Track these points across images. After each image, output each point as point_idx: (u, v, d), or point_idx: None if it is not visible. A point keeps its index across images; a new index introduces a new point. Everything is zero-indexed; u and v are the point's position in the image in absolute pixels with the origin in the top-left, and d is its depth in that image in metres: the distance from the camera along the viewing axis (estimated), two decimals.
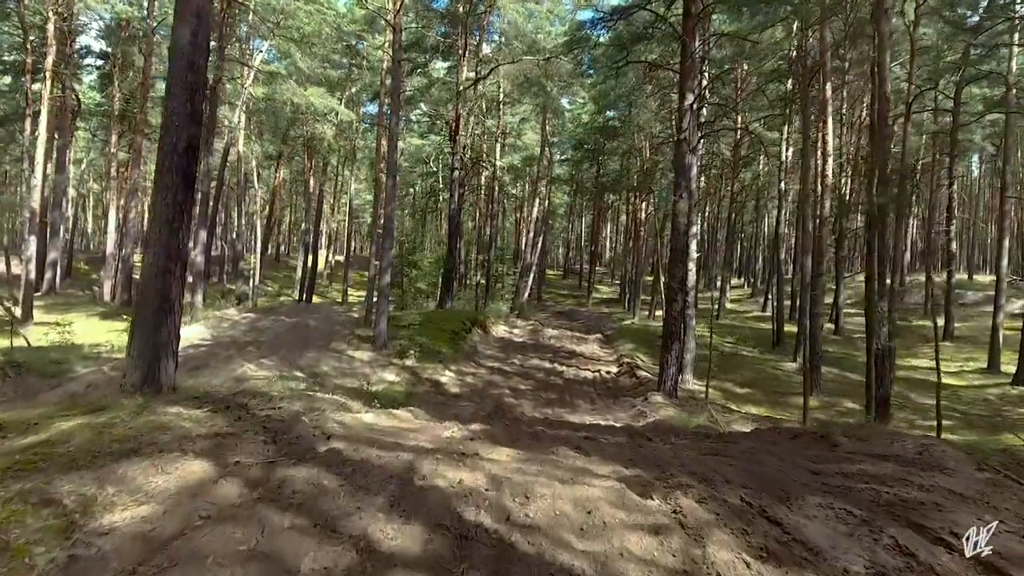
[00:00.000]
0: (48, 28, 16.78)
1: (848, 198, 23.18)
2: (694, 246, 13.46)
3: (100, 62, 31.52)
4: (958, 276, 27.48)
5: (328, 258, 44.23)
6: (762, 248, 41.92)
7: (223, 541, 2.01)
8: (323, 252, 45.23)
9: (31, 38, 19.69)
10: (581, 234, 53.26)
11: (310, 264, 29.50)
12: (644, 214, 29.54)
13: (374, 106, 28.77)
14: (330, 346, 13.54)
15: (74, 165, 42.89)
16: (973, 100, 25.36)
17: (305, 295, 28.91)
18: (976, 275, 35.41)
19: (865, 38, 17.20)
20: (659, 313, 28.13)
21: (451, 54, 22.45)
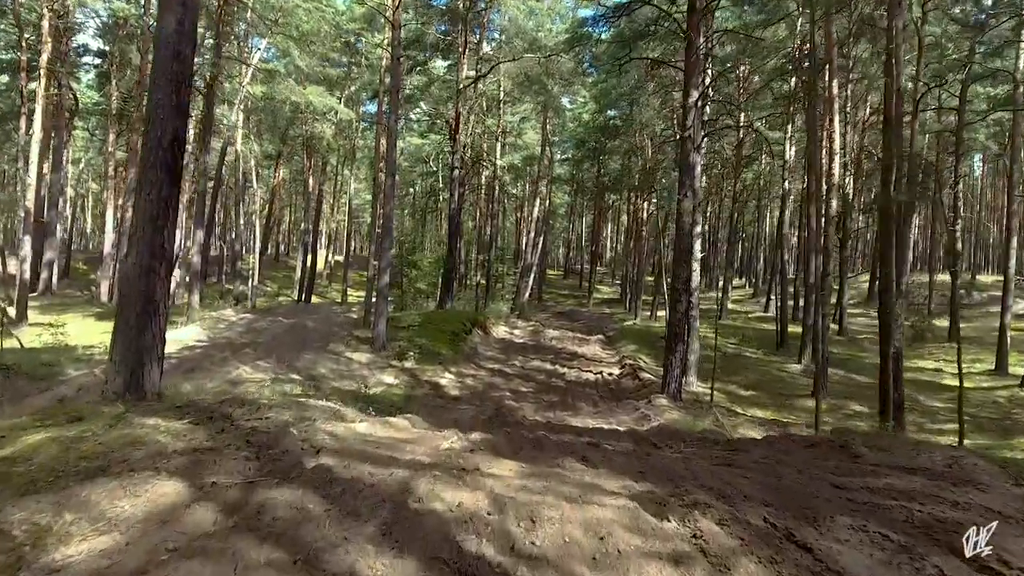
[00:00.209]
0: (43, 25, 16.57)
1: (852, 197, 22.96)
2: (698, 246, 13.23)
3: (98, 61, 31.30)
4: (961, 276, 27.24)
5: (328, 258, 44.02)
6: (763, 248, 41.71)
7: None
8: (323, 252, 44.99)
9: (27, 35, 19.49)
10: (582, 234, 53.02)
11: (309, 264, 29.29)
12: (646, 214, 29.29)
13: (374, 105, 28.53)
14: (328, 347, 13.32)
15: (72, 165, 42.67)
16: (978, 99, 25.10)
17: (304, 295, 28.70)
18: (979, 275, 35.17)
19: (876, 31, 16.92)
20: (660, 313, 27.91)
21: (451, 52, 22.23)
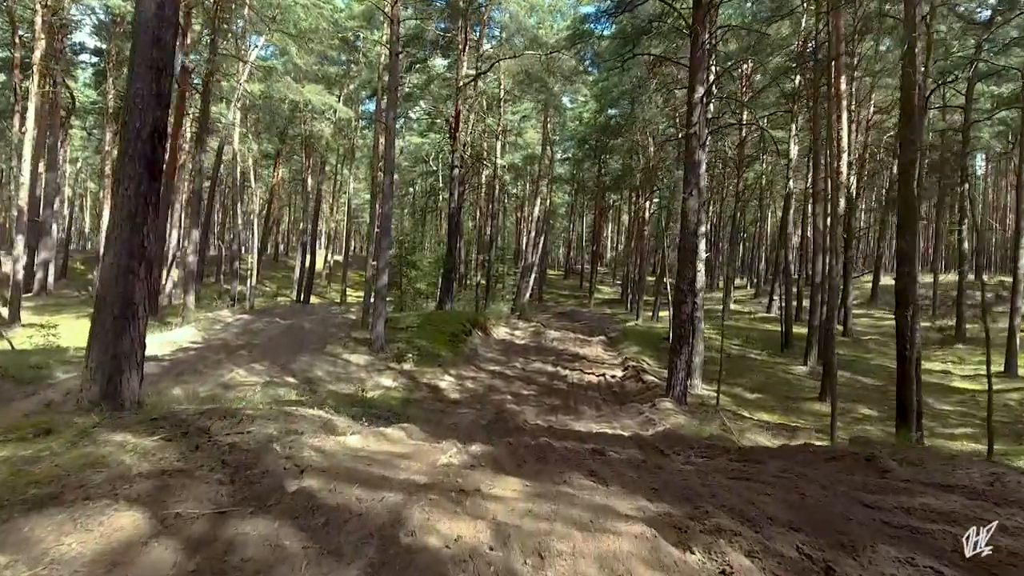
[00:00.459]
0: (36, 22, 16.30)
1: (857, 196, 22.69)
2: (703, 245, 12.97)
3: (95, 59, 31.04)
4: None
5: (327, 258, 43.77)
6: (765, 248, 41.44)
7: None
8: (322, 252, 44.73)
9: (21, 32, 19.21)
10: (582, 234, 52.74)
11: (308, 264, 29.03)
12: (647, 213, 29.01)
13: (373, 104, 28.28)
14: (325, 349, 13.05)
15: (70, 164, 42.41)
16: (983, 97, 24.81)
17: (303, 296, 28.44)
18: (982, 275, 34.87)
19: (883, 28, 16.63)
20: (663, 314, 27.63)
21: (451, 49, 21.96)
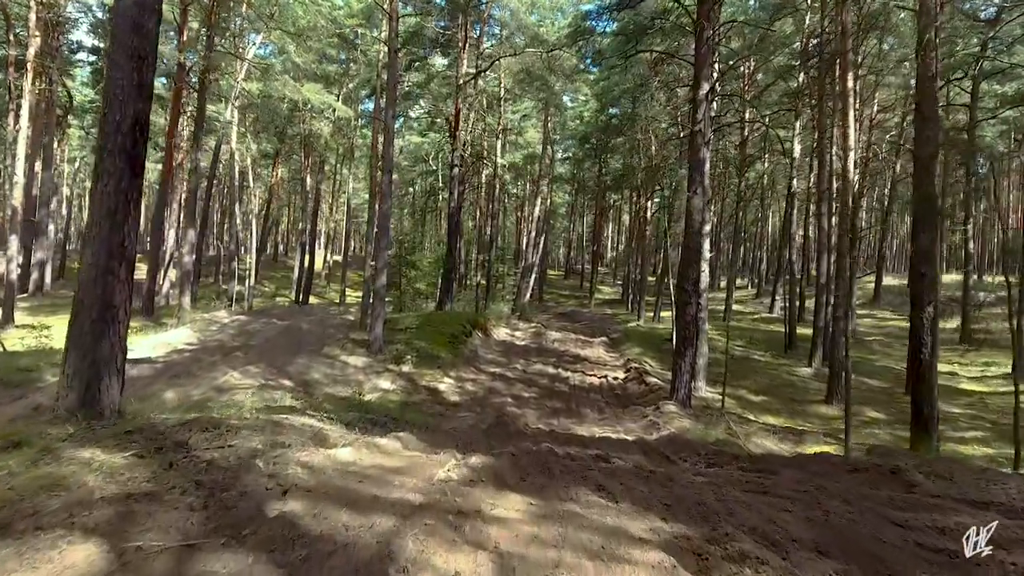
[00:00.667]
0: (30, 18, 16.08)
1: (860, 196, 22.42)
2: (707, 245, 12.74)
3: (93, 58, 30.80)
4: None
5: (326, 258, 43.55)
6: (766, 248, 41.21)
7: None
8: (321, 252, 44.52)
9: (16, 30, 18.99)
10: (583, 234, 52.50)
11: (307, 264, 28.83)
12: (649, 213, 28.78)
13: (372, 103, 28.05)
14: (322, 351, 12.83)
15: (68, 164, 42.20)
16: (986, 96, 24.57)
17: (301, 296, 28.23)
18: (985, 276, 34.64)
19: (890, 24, 16.39)
20: (664, 315, 27.40)
21: (451, 47, 21.73)
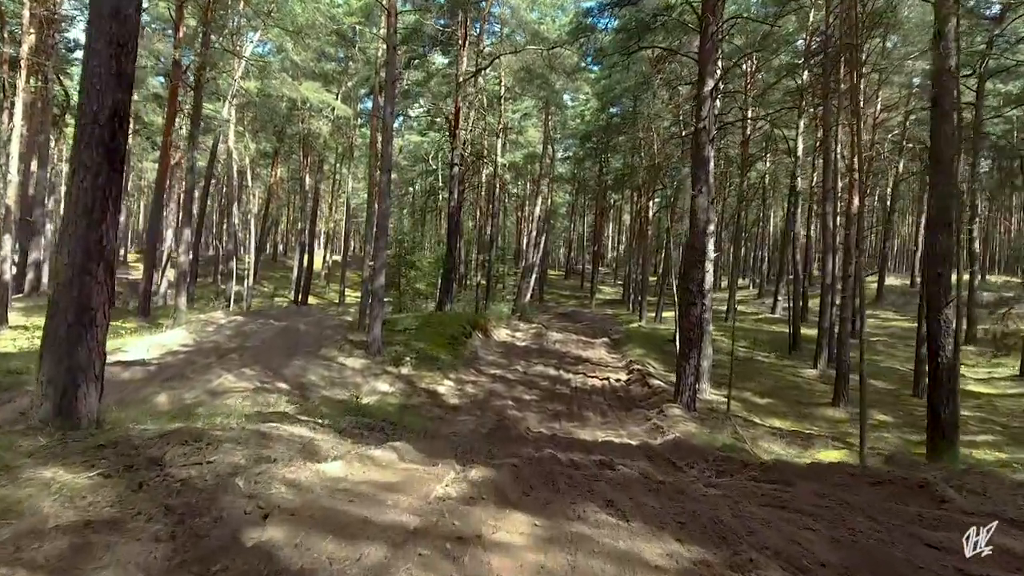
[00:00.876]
0: (23, 15, 15.84)
1: (865, 195, 22.24)
2: (711, 245, 12.52)
3: None
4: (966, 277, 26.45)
5: (326, 258, 43.30)
6: (767, 248, 40.97)
7: None
8: (321, 252, 44.26)
9: (10, 27, 18.75)
10: (583, 234, 52.27)
11: (306, 265, 28.64)
12: (651, 213, 28.56)
13: (372, 102, 27.82)
14: (320, 352, 12.60)
15: (67, 163, 42.00)
16: (990, 95, 24.35)
17: (300, 296, 28.03)
18: (987, 276, 34.38)
19: (896, 16, 16.15)
20: (666, 315, 27.18)
21: (450, 45, 21.50)
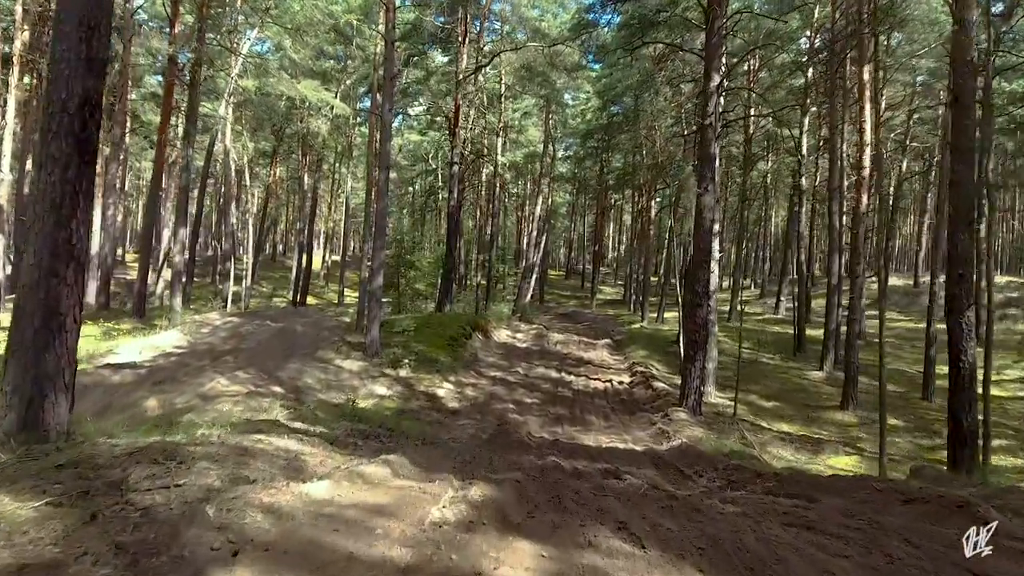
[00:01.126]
0: (16, 11, 15.61)
1: (871, 193, 21.93)
2: (716, 245, 12.26)
3: None
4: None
5: (325, 258, 43.03)
6: (769, 248, 40.69)
7: None
8: (320, 252, 44.00)
9: (3, 25, 18.53)
10: (584, 233, 51.99)
11: (304, 264, 28.39)
12: (653, 212, 28.30)
13: (371, 100, 27.57)
14: (316, 354, 12.33)
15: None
16: (995, 94, 24.09)
17: (299, 296, 27.78)
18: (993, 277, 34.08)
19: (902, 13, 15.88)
20: (668, 315, 26.91)
21: (450, 43, 21.25)
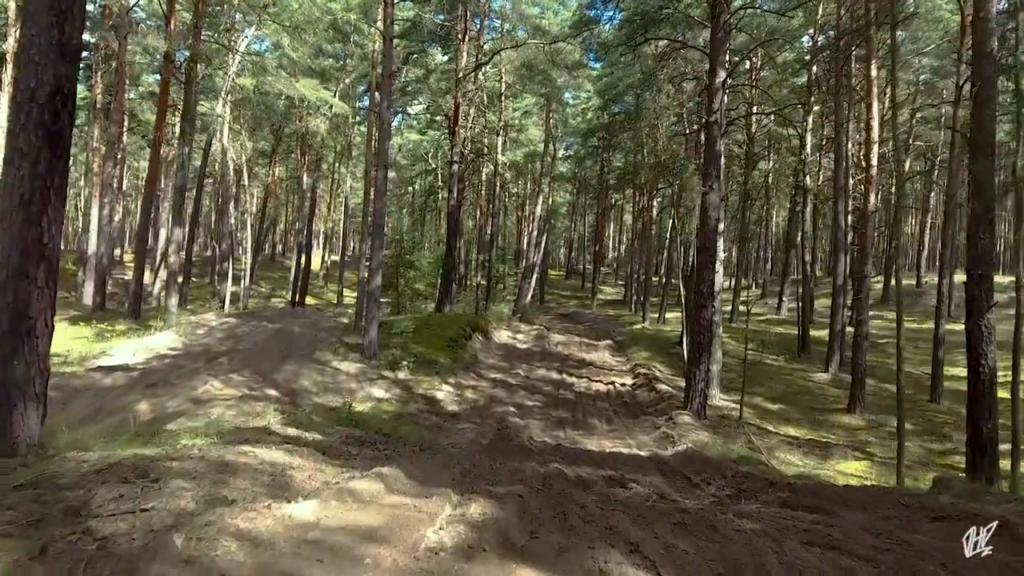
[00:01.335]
0: (9, 7, 15.38)
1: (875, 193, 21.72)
2: (721, 244, 12.04)
3: (84, 53, 30.20)
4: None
5: (324, 258, 42.83)
6: (770, 248, 40.51)
7: None
8: (319, 252, 43.76)
9: None
10: (584, 233, 51.76)
11: (303, 265, 28.18)
12: (655, 212, 28.08)
13: (370, 99, 27.35)
14: (313, 356, 12.12)
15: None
16: (1002, 94, 23.88)
17: (298, 297, 27.56)
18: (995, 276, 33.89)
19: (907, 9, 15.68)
20: (669, 316, 26.69)
21: (450, 41, 21.03)
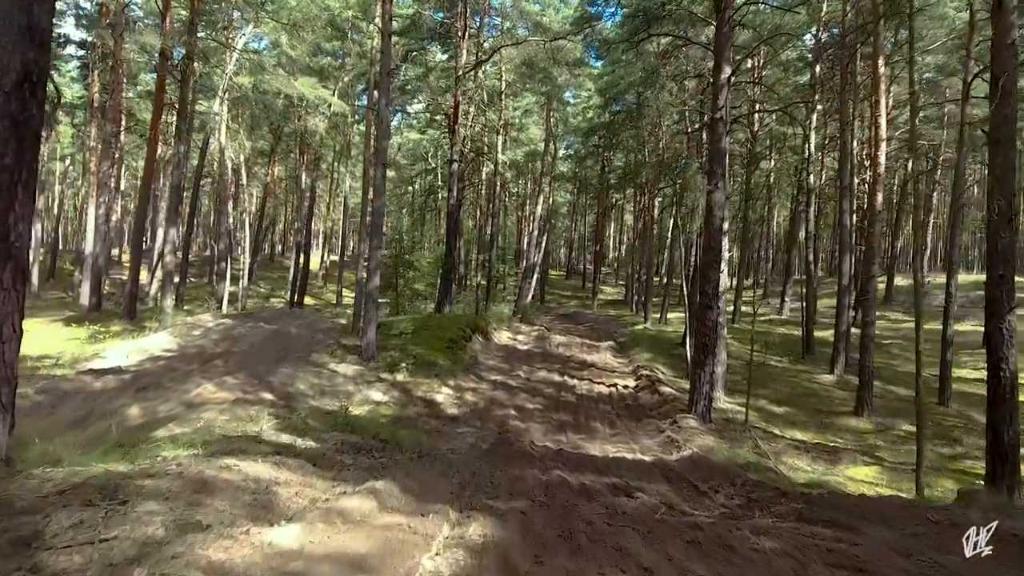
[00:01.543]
0: None
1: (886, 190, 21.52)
2: (725, 244, 11.83)
3: (81, 52, 30.00)
4: (974, 277, 25.70)
5: (323, 258, 42.62)
6: (772, 247, 40.24)
7: None
8: (318, 252, 43.55)
9: None
10: (585, 233, 51.54)
11: (302, 265, 27.98)
12: (657, 211, 27.87)
13: (368, 98, 27.15)
14: (310, 358, 11.89)
15: (59, 161, 41.37)
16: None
17: (296, 297, 27.37)
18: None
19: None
20: (671, 316, 26.50)
21: (450, 38, 20.83)
